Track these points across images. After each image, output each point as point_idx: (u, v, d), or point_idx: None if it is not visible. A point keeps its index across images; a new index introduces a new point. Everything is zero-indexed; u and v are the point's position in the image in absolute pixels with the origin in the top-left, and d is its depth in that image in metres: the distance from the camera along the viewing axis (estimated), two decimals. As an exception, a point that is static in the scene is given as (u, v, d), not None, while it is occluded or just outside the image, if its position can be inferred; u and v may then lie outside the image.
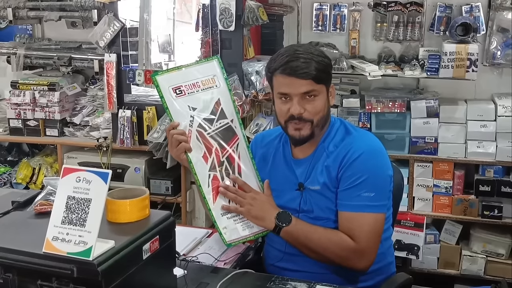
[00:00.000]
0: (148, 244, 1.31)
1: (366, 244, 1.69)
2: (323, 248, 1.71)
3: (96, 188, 1.19)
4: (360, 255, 1.70)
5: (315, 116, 1.73)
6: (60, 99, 3.44)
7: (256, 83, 2.95)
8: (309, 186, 1.78)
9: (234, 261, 1.86)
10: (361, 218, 1.70)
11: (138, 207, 1.37)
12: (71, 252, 1.17)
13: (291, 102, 1.71)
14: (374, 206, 1.70)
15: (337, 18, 3.33)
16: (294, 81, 1.68)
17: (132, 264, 1.26)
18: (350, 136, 1.79)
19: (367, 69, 3.11)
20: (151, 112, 3.18)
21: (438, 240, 3.28)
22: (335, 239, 1.71)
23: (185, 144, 1.72)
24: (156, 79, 1.73)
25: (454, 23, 3.02)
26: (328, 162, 1.76)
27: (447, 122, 3.17)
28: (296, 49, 1.72)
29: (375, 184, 1.71)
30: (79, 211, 1.19)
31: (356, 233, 1.69)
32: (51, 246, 1.19)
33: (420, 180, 3.21)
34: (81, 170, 1.21)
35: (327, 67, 1.74)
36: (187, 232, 2.08)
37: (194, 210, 3.31)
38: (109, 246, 1.20)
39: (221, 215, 1.76)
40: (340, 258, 1.71)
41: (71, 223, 1.19)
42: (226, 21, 2.93)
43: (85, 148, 3.44)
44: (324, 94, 1.74)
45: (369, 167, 1.71)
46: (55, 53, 3.57)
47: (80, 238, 1.17)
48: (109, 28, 3.12)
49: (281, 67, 1.69)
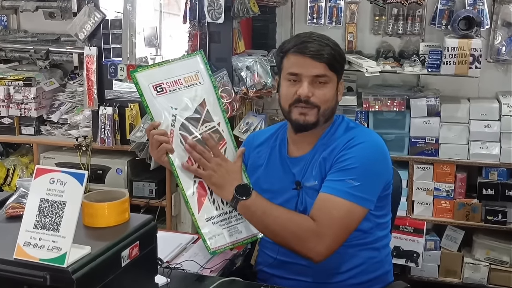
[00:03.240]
0: (127, 250, 1.30)
1: (327, 228, 1.65)
2: (281, 226, 1.69)
3: (71, 190, 1.18)
4: (317, 238, 1.65)
5: (323, 104, 1.74)
6: (36, 95, 3.42)
7: (247, 79, 2.95)
8: (306, 184, 1.79)
9: (221, 269, 1.85)
10: (334, 202, 1.67)
11: (117, 211, 1.36)
12: (44, 259, 1.16)
13: (299, 84, 1.73)
14: (354, 196, 1.67)
15: (333, 10, 3.34)
16: (308, 62, 1.71)
17: (110, 271, 1.25)
18: (352, 130, 1.81)
19: (365, 65, 3.11)
20: (134, 110, 3.18)
21: (439, 246, 3.30)
22: (295, 219, 1.70)
23: (167, 145, 1.72)
24: (135, 76, 1.73)
25: (456, 16, 3.03)
26: (325, 154, 1.77)
27: (448, 122, 3.19)
28: (312, 33, 1.80)
29: (364, 176, 1.68)
30: (52, 214, 1.18)
31: (322, 214, 1.67)
32: (23, 252, 1.17)
33: (420, 183, 3.23)
34: (55, 171, 1.20)
35: (342, 57, 1.79)
36: (171, 237, 2.07)
37: (179, 215, 3.31)
38: (85, 252, 1.19)
39: (206, 220, 1.77)
40: (297, 239, 1.67)
41: (44, 228, 1.18)
42: (214, 13, 2.92)
43: (63, 148, 3.43)
44: (334, 84, 1.77)
45: (364, 157, 1.71)
46: (32, 45, 3.56)
47: (53, 244, 1.16)
48: (90, 20, 3.11)
49: (296, 46, 1.73)
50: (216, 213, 1.79)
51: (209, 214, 1.78)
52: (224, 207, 1.80)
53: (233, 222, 1.81)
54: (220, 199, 1.79)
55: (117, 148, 3.27)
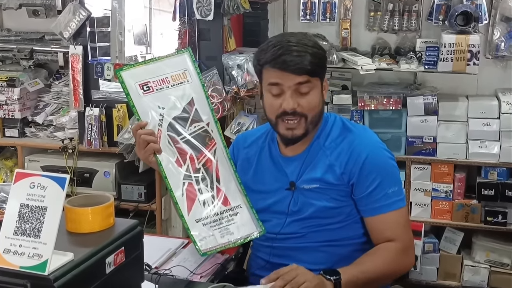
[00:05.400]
0: (112, 256, 1.29)
1: (407, 237, 1.77)
2: (382, 272, 1.72)
3: (52, 194, 1.17)
4: (406, 251, 1.77)
5: (310, 112, 1.74)
6: (20, 96, 3.41)
7: (238, 78, 2.95)
8: (303, 185, 1.79)
9: (211, 274, 1.85)
10: (394, 216, 1.76)
11: (101, 216, 1.35)
12: (25, 266, 1.15)
13: (283, 96, 1.71)
14: (401, 200, 1.78)
15: (327, 6, 3.34)
16: (287, 75, 1.69)
17: (94, 279, 1.24)
18: (351, 133, 1.82)
19: (360, 63, 3.12)
20: (121, 111, 3.17)
21: (438, 249, 3.30)
22: (385, 255, 1.74)
23: (154, 145, 1.72)
24: (120, 75, 1.72)
25: (454, 11, 3.04)
26: (331, 160, 1.78)
27: (446, 120, 3.20)
28: (289, 40, 1.71)
29: (393, 178, 1.79)
30: (33, 220, 1.17)
31: (395, 231, 1.75)
32: (2, 259, 1.17)
33: (418, 183, 3.24)
34: (35, 175, 1.19)
35: (322, 60, 1.76)
36: (160, 242, 2.07)
37: (170, 218, 3.30)
38: (67, 259, 1.19)
39: (196, 222, 1.76)
40: (398, 267, 1.77)
41: (24, 234, 1.17)
42: (204, 10, 2.92)
43: (48, 150, 3.42)
44: (318, 88, 1.76)
45: (382, 165, 1.78)
46: (15, 44, 3.56)
47: (34, 251, 1.15)
48: (75, 17, 3.11)
49: (273, 61, 1.69)
50: (206, 214, 1.78)
51: (199, 215, 1.77)
52: (214, 208, 1.79)
53: (224, 223, 1.80)
54: (210, 200, 1.79)
55: (104, 150, 3.26)
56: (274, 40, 1.74)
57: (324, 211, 1.78)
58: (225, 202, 1.79)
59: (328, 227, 1.80)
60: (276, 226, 1.83)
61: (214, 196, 1.78)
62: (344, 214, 1.80)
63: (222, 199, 1.79)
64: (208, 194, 1.78)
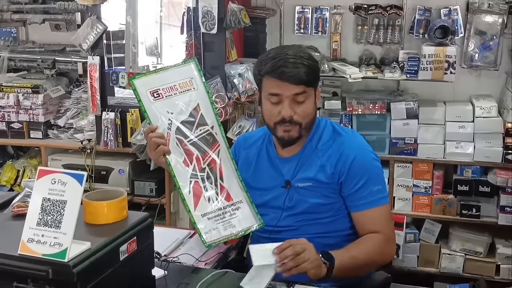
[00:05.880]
0: (126, 245, 1.30)
1: (389, 230, 1.80)
2: (367, 260, 1.74)
3: (71, 189, 1.18)
4: (389, 242, 1.79)
5: (304, 119, 1.74)
6: (44, 101, 3.41)
7: (239, 86, 2.95)
8: (298, 184, 1.80)
9: (215, 261, 1.86)
10: (378, 211, 1.77)
11: (115, 209, 1.36)
12: (46, 254, 1.15)
13: (281, 105, 1.72)
14: (385, 197, 1.79)
15: (319, 21, 3.34)
16: (286, 85, 1.69)
17: (109, 265, 1.24)
18: (340, 137, 1.82)
19: (348, 72, 3.12)
20: (134, 115, 3.17)
21: (418, 239, 3.30)
22: (370, 244, 1.74)
23: (164, 147, 1.72)
24: (133, 83, 1.72)
25: (433, 26, 3.04)
26: (323, 161, 1.79)
27: (426, 124, 3.19)
28: (286, 53, 1.71)
29: (378, 177, 1.80)
30: (54, 213, 1.17)
31: (379, 225, 1.76)
32: (27, 248, 1.17)
33: (400, 180, 3.23)
34: (56, 172, 1.19)
35: (316, 71, 1.77)
36: (169, 233, 2.07)
37: (178, 211, 3.30)
38: (85, 248, 1.19)
39: (202, 216, 1.76)
40: (381, 257, 1.77)
41: (46, 225, 1.17)
42: (208, 24, 2.92)
43: (69, 150, 3.41)
44: (312, 97, 1.77)
45: (368, 166, 1.78)
46: (39, 55, 3.56)
47: (55, 240, 1.16)
48: (92, 31, 3.10)
49: (273, 71, 1.70)
50: (211, 209, 1.78)
51: (204, 210, 1.77)
52: (218, 204, 1.79)
53: (227, 217, 1.80)
54: (215, 196, 1.79)
55: (119, 150, 3.26)
56: (273, 52, 1.74)
57: (316, 207, 1.79)
58: (228, 198, 1.79)
59: (319, 221, 1.81)
60: (273, 219, 1.84)
61: (218, 192, 1.78)
62: (334, 209, 1.81)
63: (225, 195, 1.79)
64: (213, 191, 1.77)
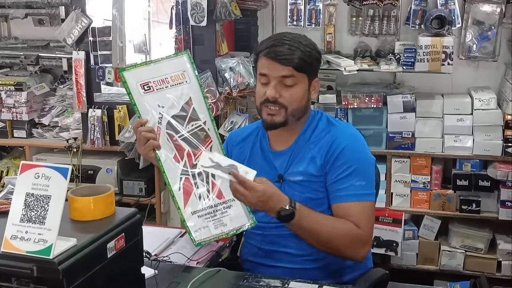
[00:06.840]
0: (113, 242, 1.28)
1: (368, 231, 1.73)
2: (333, 237, 1.70)
3: (56, 184, 1.16)
4: (364, 243, 1.73)
5: (290, 104, 1.74)
6: (27, 99, 3.39)
7: (230, 80, 2.94)
8: (290, 178, 1.80)
9: (207, 260, 1.85)
10: (359, 207, 1.72)
11: (102, 204, 1.35)
12: (31, 251, 1.14)
13: (269, 85, 1.73)
14: (368, 194, 1.75)
15: (312, 12, 3.33)
16: (275, 65, 1.71)
17: (96, 262, 1.23)
18: (334, 128, 1.82)
19: (343, 64, 3.12)
20: (122, 111, 3.15)
21: (417, 236, 3.31)
22: (343, 228, 1.70)
23: (154, 141, 1.70)
24: (123, 75, 1.71)
25: (429, 16, 3.04)
26: (313, 153, 1.79)
27: (424, 117, 3.20)
28: (284, 35, 1.76)
29: (365, 173, 1.75)
30: (38, 208, 1.16)
31: (358, 221, 1.71)
32: (10, 245, 1.16)
33: (398, 175, 3.24)
34: (40, 166, 1.18)
35: (312, 59, 1.76)
36: (160, 232, 2.07)
37: (169, 211, 3.29)
38: (70, 244, 1.18)
39: (191, 214, 1.75)
40: (345, 247, 1.71)
41: (30, 221, 1.16)
42: (197, 16, 2.91)
43: (54, 150, 3.39)
44: (304, 84, 1.76)
45: (357, 156, 1.76)
46: (22, 51, 3.54)
47: (39, 236, 1.14)
48: (77, 25, 3.08)
49: (265, 49, 1.73)
50: (201, 206, 1.76)
51: (194, 208, 1.76)
52: (209, 201, 1.78)
53: (218, 215, 1.78)
54: (206, 193, 1.78)
55: (106, 148, 3.24)
56: (273, 36, 1.81)
57: (308, 202, 1.77)
58: (220, 196, 1.77)
59: None
60: (266, 215, 1.81)
61: (209, 190, 1.76)
62: (326, 204, 1.80)
63: (216, 193, 1.77)
64: (204, 188, 1.76)
